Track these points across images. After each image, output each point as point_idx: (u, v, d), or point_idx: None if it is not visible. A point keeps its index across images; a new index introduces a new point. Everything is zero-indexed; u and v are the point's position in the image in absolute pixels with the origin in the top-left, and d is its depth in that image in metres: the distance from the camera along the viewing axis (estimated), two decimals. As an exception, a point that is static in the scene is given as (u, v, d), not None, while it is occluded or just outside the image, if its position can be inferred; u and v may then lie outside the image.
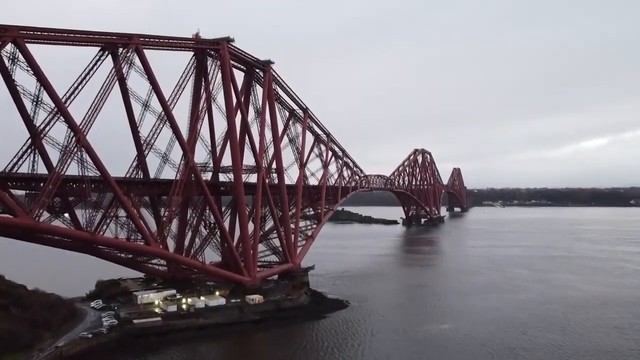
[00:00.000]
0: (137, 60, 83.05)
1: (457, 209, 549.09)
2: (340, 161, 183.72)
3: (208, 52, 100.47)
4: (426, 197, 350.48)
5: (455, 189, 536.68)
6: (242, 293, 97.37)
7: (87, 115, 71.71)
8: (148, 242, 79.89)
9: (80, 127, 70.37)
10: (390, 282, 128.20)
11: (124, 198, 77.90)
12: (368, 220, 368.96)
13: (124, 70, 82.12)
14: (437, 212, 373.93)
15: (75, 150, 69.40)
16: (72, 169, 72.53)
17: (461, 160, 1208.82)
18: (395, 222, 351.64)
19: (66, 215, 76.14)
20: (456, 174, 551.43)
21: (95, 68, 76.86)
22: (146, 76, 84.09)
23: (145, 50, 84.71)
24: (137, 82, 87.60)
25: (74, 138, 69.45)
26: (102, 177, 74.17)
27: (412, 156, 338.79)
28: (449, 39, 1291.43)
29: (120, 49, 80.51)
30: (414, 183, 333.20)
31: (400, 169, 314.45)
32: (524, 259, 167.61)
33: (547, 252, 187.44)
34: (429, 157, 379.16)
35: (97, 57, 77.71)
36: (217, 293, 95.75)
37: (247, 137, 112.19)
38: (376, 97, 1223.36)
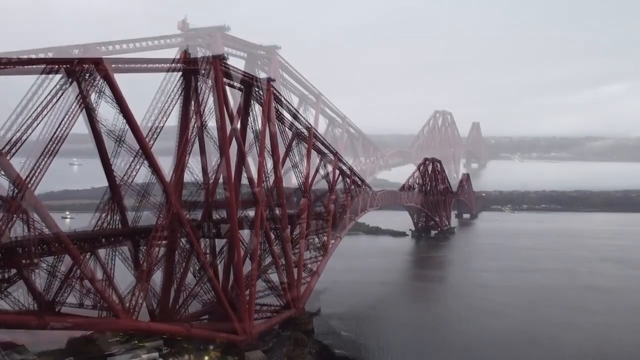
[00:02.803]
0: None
1: (466, 216, 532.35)
2: (349, 180, 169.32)
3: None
4: (436, 208, 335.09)
5: (465, 196, 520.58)
6: (236, 354, 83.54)
7: (37, 164, 57.37)
8: (117, 314, 65.39)
9: (27, 180, 56.09)
10: (405, 329, 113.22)
11: (81, 262, 63.43)
12: (375, 231, 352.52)
13: (90, 99, 68.07)
14: (447, 223, 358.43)
15: (19, 210, 55.10)
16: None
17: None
18: (404, 234, 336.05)
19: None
20: (465, 178, 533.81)
21: (54, 100, 62.73)
22: (118, 107, 69.73)
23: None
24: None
25: (18, 194, 55.17)
26: (54, 236, 59.83)
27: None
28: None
29: (86, 75, 66.11)
30: (424, 190, 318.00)
31: (411, 181, 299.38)
32: (550, 292, 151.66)
33: (573, 281, 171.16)
34: (439, 165, 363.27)
35: (58, 87, 63.50)
36: (207, 358, 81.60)
37: (243, 165, 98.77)
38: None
